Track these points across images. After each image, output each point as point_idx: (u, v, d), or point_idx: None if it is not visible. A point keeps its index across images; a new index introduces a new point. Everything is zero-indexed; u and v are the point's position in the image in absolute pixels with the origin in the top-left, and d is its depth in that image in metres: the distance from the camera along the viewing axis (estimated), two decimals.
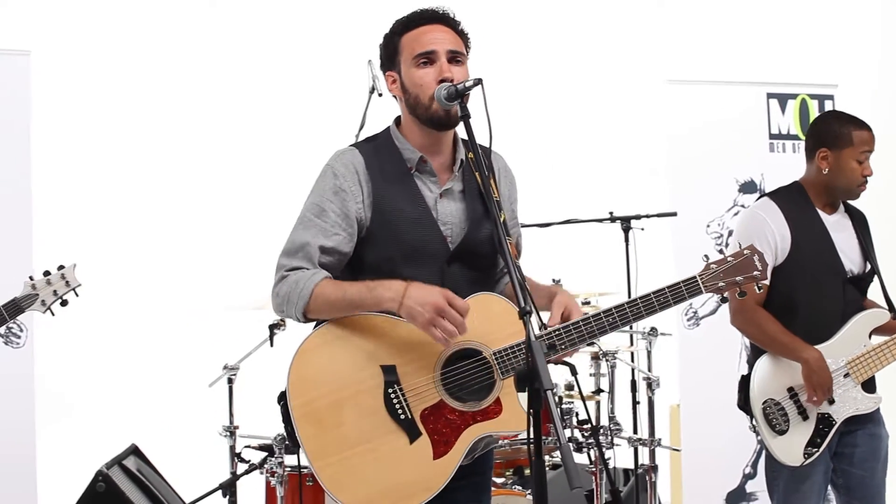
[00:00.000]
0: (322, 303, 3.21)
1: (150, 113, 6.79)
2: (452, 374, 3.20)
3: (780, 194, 4.59)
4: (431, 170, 3.35)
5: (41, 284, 4.33)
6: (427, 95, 3.26)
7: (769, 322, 4.41)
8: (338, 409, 3.17)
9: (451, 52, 3.30)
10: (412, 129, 3.37)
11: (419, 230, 3.29)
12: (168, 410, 6.37)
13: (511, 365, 3.18)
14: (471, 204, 3.38)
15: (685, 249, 6.21)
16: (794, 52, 7.43)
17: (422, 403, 3.19)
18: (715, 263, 3.32)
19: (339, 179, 3.29)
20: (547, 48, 7.32)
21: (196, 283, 6.61)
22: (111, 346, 6.54)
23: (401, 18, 3.37)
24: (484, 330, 3.20)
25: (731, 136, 6.38)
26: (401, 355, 3.20)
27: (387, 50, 3.39)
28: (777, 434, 4.37)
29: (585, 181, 7.19)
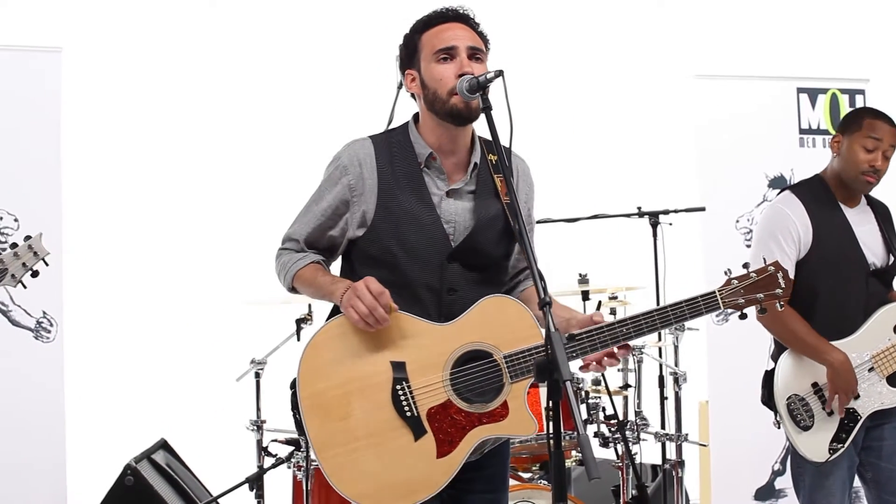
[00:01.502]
0: (301, 284, 3.38)
1: (178, 109, 6.79)
2: (462, 375, 3.21)
3: (801, 188, 4.57)
4: (440, 167, 3.36)
5: (8, 258, 4.16)
6: (446, 89, 3.27)
7: (796, 321, 4.38)
8: (345, 401, 3.18)
9: (471, 48, 3.31)
10: (429, 126, 3.38)
11: (420, 225, 3.31)
12: (196, 405, 6.38)
13: (521, 369, 3.20)
14: (481, 204, 3.39)
15: (714, 245, 6.25)
16: (825, 45, 7.36)
17: (429, 402, 3.20)
18: (737, 279, 3.29)
19: (339, 171, 3.35)
20: (574, 42, 7.28)
21: (223, 278, 6.61)
22: (140, 340, 6.54)
23: (421, 17, 3.40)
24: (496, 332, 3.22)
25: (760, 131, 6.37)
26: (412, 352, 3.21)
27: (407, 48, 3.41)
28: (802, 430, 4.35)
29: (613, 176, 7.15)
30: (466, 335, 3.23)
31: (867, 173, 4.40)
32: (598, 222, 5.97)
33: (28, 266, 4.21)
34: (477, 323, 3.23)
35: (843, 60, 7.21)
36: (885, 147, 4.40)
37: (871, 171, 4.40)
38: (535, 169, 3.61)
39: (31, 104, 5.47)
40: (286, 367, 5.50)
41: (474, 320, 3.24)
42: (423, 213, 3.32)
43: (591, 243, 6.36)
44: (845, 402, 4.28)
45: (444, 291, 3.31)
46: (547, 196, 5.27)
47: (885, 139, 4.39)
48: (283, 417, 5.27)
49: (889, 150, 4.42)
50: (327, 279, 3.33)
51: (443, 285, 3.31)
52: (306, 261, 3.39)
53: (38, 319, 5.45)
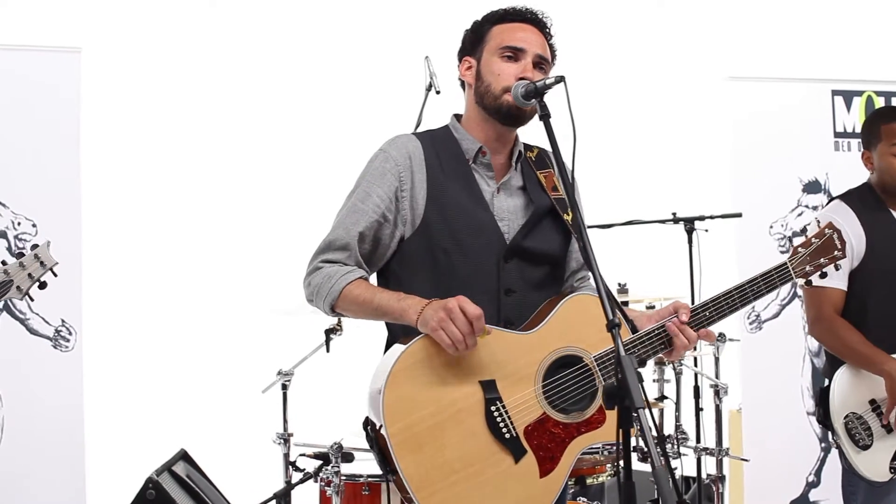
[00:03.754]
0: (350, 302, 3.14)
1: (203, 110, 6.66)
2: (555, 385, 3.08)
3: (852, 196, 4.47)
4: (489, 163, 3.26)
5: (14, 269, 4.01)
6: (500, 86, 3.17)
7: (849, 332, 4.26)
8: (439, 432, 2.99)
9: (538, 55, 3.23)
10: (475, 122, 3.29)
11: (476, 223, 3.18)
12: (220, 417, 6.26)
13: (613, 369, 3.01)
14: (531, 199, 3.28)
15: (748, 251, 6.15)
16: (860, 47, 7.24)
17: (525, 419, 3.05)
18: (802, 246, 3.31)
19: (389, 163, 3.21)
20: (606, 45, 7.17)
21: (250, 286, 6.48)
22: (161, 349, 6.41)
23: (497, 9, 3.30)
24: (583, 334, 3.09)
25: (794, 135, 6.28)
26: (499, 369, 3.04)
27: (473, 35, 3.31)
28: (861, 449, 4.21)
29: (647, 180, 7.03)
30: (553, 341, 3.09)
31: None
32: (633, 228, 5.86)
33: (35, 277, 4.06)
34: (561, 326, 3.10)
35: (879, 62, 7.10)
36: None
37: None
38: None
39: (49, 106, 5.37)
40: (314, 379, 5.48)
41: (558, 324, 3.10)
42: (476, 210, 3.20)
43: (626, 249, 6.24)
44: None
45: (502, 293, 3.18)
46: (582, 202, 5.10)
47: None
48: (310, 431, 5.22)
49: None
50: (390, 295, 3.11)
51: (500, 286, 3.18)
52: (355, 275, 3.16)
53: (57, 328, 5.34)
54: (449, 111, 3.42)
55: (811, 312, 4.39)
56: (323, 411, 5.33)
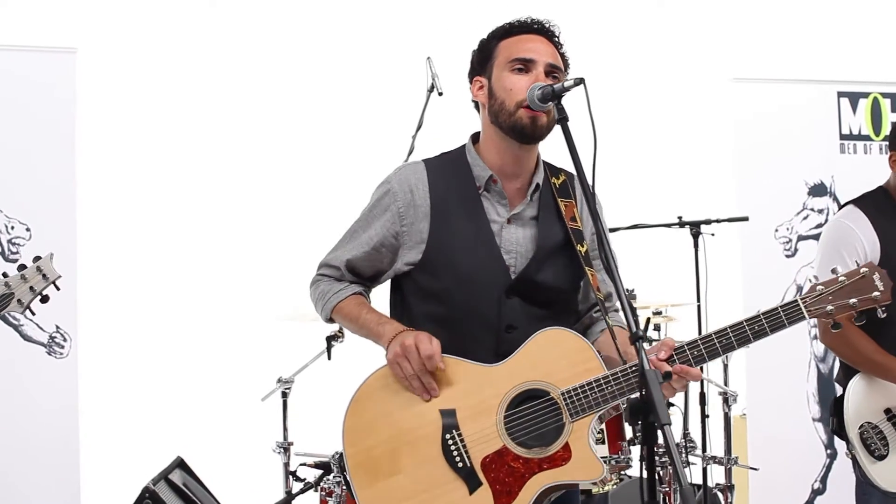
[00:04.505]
0: (342, 319, 3.24)
1: (201, 114, 6.56)
2: (517, 417, 2.98)
3: (865, 201, 4.34)
4: (501, 191, 3.14)
5: (15, 281, 3.92)
6: (514, 101, 3.05)
7: (863, 340, 4.16)
8: (394, 456, 2.99)
9: (549, 64, 3.10)
10: (491, 144, 3.17)
11: (477, 256, 3.08)
12: (218, 426, 6.18)
13: (582, 405, 2.93)
14: (543, 231, 3.15)
15: (752, 254, 6.11)
16: (866, 48, 7.18)
17: (483, 450, 2.96)
18: (822, 284, 2.98)
19: (388, 198, 3.16)
20: (609, 48, 7.10)
21: (249, 292, 6.40)
22: (158, 355, 6.33)
23: (502, 24, 3.19)
24: (552, 368, 2.97)
25: (800, 137, 6.24)
26: (462, 398, 2.99)
27: (481, 54, 3.19)
28: (876, 459, 4.11)
29: (652, 183, 6.97)
30: (520, 374, 2.99)
31: None
32: (638, 232, 5.78)
33: (36, 290, 3.96)
34: (531, 360, 2.99)
35: (885, 63, 7.05)
36: None
37: None
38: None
39: (44, 107, 5.33)
40: (315, 387, 5.40)
41: (527, 357, 3.00)
42: (480, 242, 3.10)
43: (631, 253, 6.16)
44: None
45: (503, 329, 3.08)
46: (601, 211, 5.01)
47: None
48: (311, 440, 5.14)
49: None
50: (372, 318, 3.16)
51: (501, 322, 3.07)
52: (347, 292, 3.23)
53: (52, 334, 5.27)
54: (451, 113, 3.34)
55: (822, 322, 4.30)
56: (324, 420, 5.24)
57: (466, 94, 3.29)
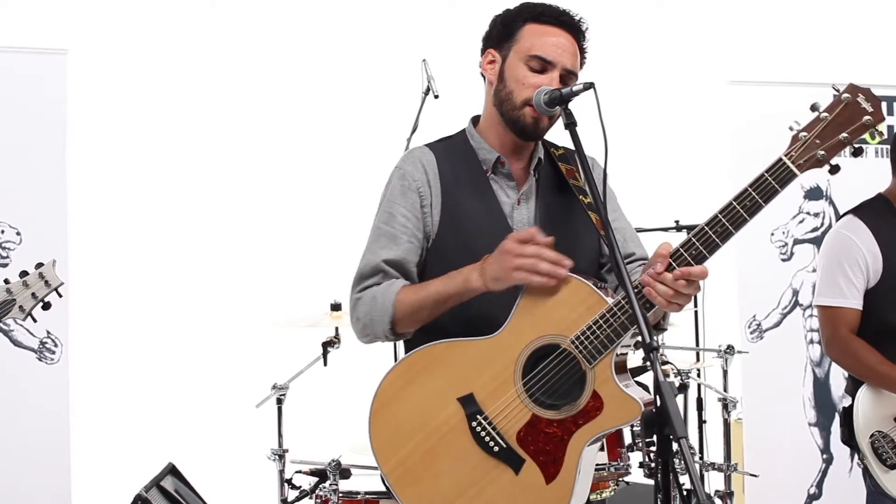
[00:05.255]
0: (407, 309, 2.96)
1: (194, 116, 6.49)
2: (536, 380, 2.83)
3: (865, 210, 4.30)
4: (509, 172, 3.08)
5: (17, 288, 3.92)
6: (521, 97, 2.98)
7: (867, 352, 4.14)
8: (429, 460, 2.88)
9: (567, 70, 3.02)
10: (492, 127, 3.10)
11: (490, 238, 2.93)
12: (212, 432, 6.12)
13: (597, 346, 2.75)
14: (549, 202, 3.09)
15: (749, 258, 6.07)
16: (861, 50, 7.15)
17: (514, 426, 2.83)
18: (804, 130, 2.74)
19: (406, 180, 3.06)
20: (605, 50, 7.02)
21: (244, 298, 6.32)
22: (151, 361, 6.27)
23: (534, 4, 3.06)
24: (553, 319, 2.81)
25: None
26: (475, 379, 2.86)
27: (503, 28, 3.07)
28: (889, 468, 4.08)
29: (647, 186, 6.92)
30: (524, 335, 2.84)
31: None
32: None
33: (38, 297, 3.95)
34: (529, 317, 2.84)
35: (881, 65, 7.03)
36: None
37: None
38: None
39: (35, 108, 5.25)
40: (311, 394, 5.34)
41: (524, 316, 2.84)
42: (493, 224, 3.01)
43: None
44: None
45: None
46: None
47: None
48: (306, 447, 5.08)
49: None
50: (439, 282, 2.93)
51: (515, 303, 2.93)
52: (398, 284, 3.00)
53: (42, 339, 5.20)
54: (447, 116, 3.27)
55: (826, 332, 4.25)
56: (320, 426, 5.20)
57: (462, 97, 3.24)
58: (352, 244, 3.17)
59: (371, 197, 4.11)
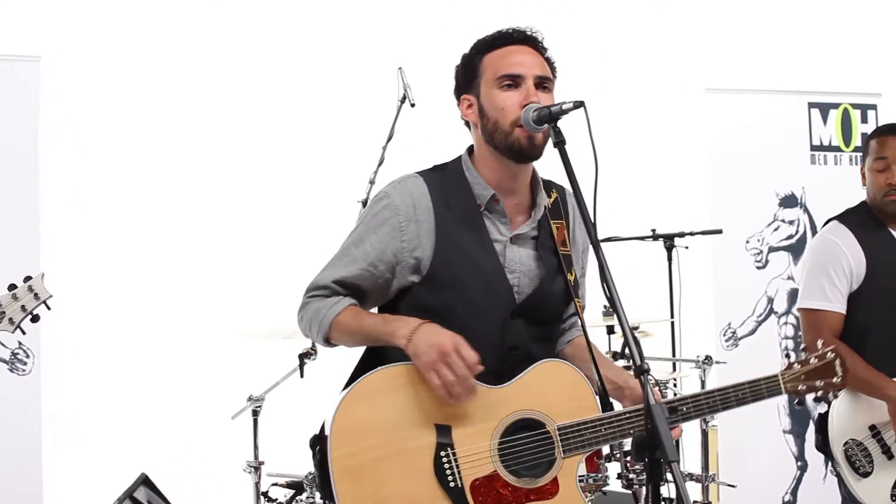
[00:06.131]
0: (342, 330, 3.02)
1: (165, 125, 6.44)
2: (511, 445, 2.92)
3: (849, 216, 4.37)
4: (503, 210, 3.07)
5: (6, 300, 3.90)
6: (508, 121, 2.96)
7: (849, 356, 4.07)
8: (382, 465, 2.87)
9: (539, 77, 3.02)
10: (487, 161, 3.08)
11: (483, 277, 3.00)
12: (188, 444, 6.06)
13: (575, 443, 2.91)
14: (544, 252, 3.10)
15: (724, 266, 6.10)
16: (836, 59, 7.18)
17: (474, 472, 2.89)
18: (799, 363, 3.16)
19: (389, 212, 3.04)
20: (580, 56, 7.00)
21: (220, 308, 6.26)
22: (125, 372, 6.21)
23: (484, 37, 3.09)
24: (549, 400, 2.95)
25: (771, 148, 6.22)
26: (458, 417, 2.91)
27: (466, 71, 3.09)
28: (861, 477, 4.11)
29: (624, 194, 6.89)
30: (518, 402, 2.94)
31: (888, 193, 4.23)
32: (611, 245, 5.71)
33: (28, 309, 3.92)
34: (530, 389, 2.96)
35: (856, 74, 7.07)
36: (894, 160, 4.23)
37: (890, 189, 4.23)
38: None
39: (7, 116, 5.19)
40: (287, 406, 5.29)
41: (527, 385, 2.96)
42: (486, 262, 3.02)
43: None
44: None
45: (506, 350, 3.02)
46: None
47: (891, 155, 4.24)
48: (282, 459, 5.04)
49: None
50: (375, 319, 3.00)
51: (504, 343, 3.02)
52: (344, 303, 3.03)
53: (14, 350, 5.15)
54: (422, 124, 3.24)
55: (809, 336, 4.29)
56: (296, 439, 5.14)
57: (438, 104, 3.22)
58: (329, 255, 3.14)
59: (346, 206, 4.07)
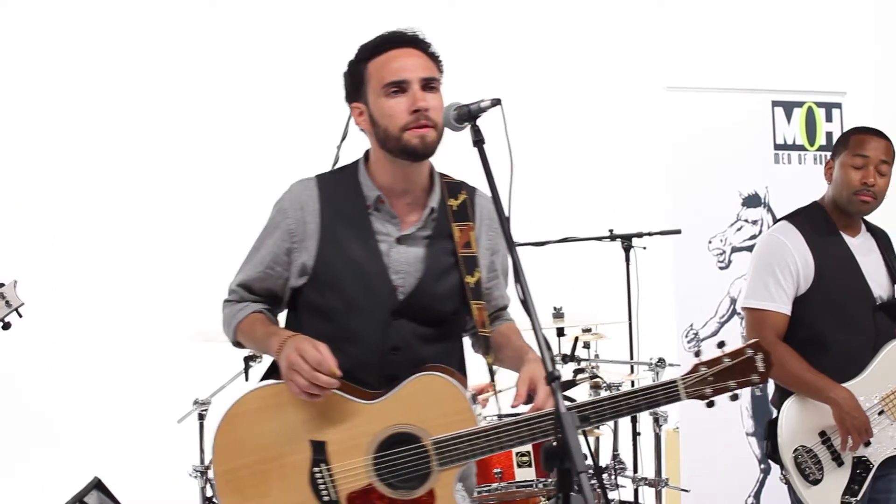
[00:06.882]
0: (242, 337, 3.20)
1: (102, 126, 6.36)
2: (386, 459, 2.97)
3: (800, 216, 4.27)
4: (389, 210, 3.09)
5: None
6: (398, 126, 2.98)
7: (792, 358, 4.08)
8: (263, 480, 2.99)
9: (424, 79, 3.01)
10: (381, 165, 3.10)
11: (363, 277, 3.05)
12: (132, 449, 5.98)
13: (451, 456, 2.94)
14: (433, 254, 3.10)
15: (686, 267, 6.03)
16: (800, 57, 7.14)
17: (350, 486, 2.97)
18: (705, 364, 2.96)
19: (280, 216, 3.13)
20: (539, 55, 6.99)
21: (165, 310, 6.18)
22: (72, 374, 6.14)
23: (366, 44, 3.09)
24: (425, 415, 2.97)
25: (734, 147, 6.16)
26: (333, 432, 2.99)
27: (352, 79, 3.10)
28: (811, 484, 4.04)
29: (581, 195, 6.86)
30: (393, 416, 2.98)
31: (860, 192, 4.12)
32: (567, 245, 5.66)
33: None
34: (405, 403, 2.99)
35: (820, 72, 7.03)
36: (875, 162, 4.13)
37: (863, 188, 4.12)
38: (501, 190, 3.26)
39: None
40: None
41: (403, 399, 2.99)
42: (367, 261, 3.06)
43: (560, 267, 6.06)
44: (860, 440, 4.00)
45: (387, 351, 3.05)
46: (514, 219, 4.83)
47: (873, 154, 4.13)
48: None
49: (882, 165, 4.15)
50: (262, 332, 3.10)
51: (385, 344, 3.04)
52: (247, 311, 3.16)
53: None
54: None
55: (751, 337, 4.17)
56: None
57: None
58: None
59: None
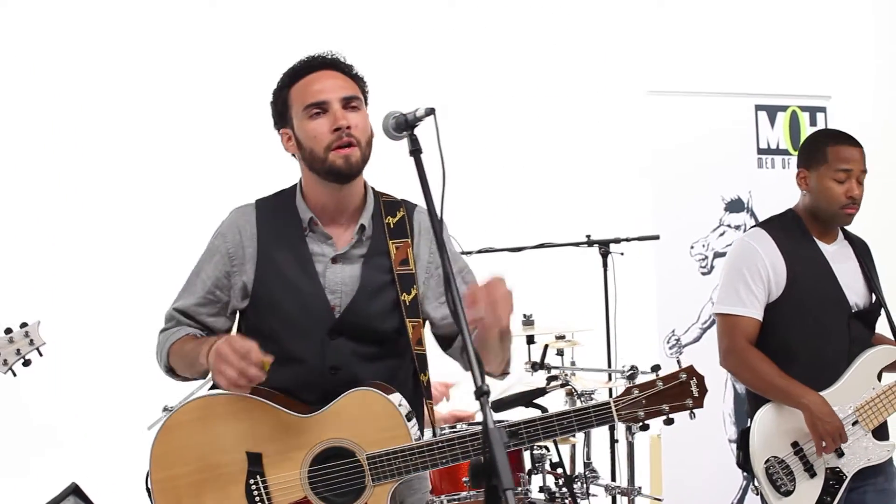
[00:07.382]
0: (175, 359, 3.22)
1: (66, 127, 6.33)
2: (321, 472, 3.04)
3: (773, 223, 4.28)
4: (323, 232, 3.17)
5: (2, 342, 4.17)
6: (322, 147, 3.07)
7: (764, 363, 4.07)
8: (199, 489, 3.05)
9: (344, 98, 3.09)
10: (312, 187, 3.19)
11: (300, 298, 3.13)
12: (103, 455, 5.94)
13: (385, 472, 3.00)
14: (368, 272, 3.16)
15: (667, 272, 6.02)
16: (784, 61, 7.10)
17: (284, 498, 3.03)
18: (638, 388, 3.04)
19: (219, 241, 3.24)
20: (520, 58, 6.94)
21: (136, 315, 6.08)
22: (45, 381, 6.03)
23: (287, 70, 3.20)
24: (360, 430, 3.04)
25: (716, 151, 6.14)
26: (269, 444, 3.05)
27: (276, 106, 3.23)
28: (782, 496, 4.02)
29: (559, 200, 6.80)
30: (328, 430, 3.05)
31: (846, 206, 4.12)
32: (544, 251, 5.61)
33: (21, 353, 4.22)
34: (340, 417, 3.05)
35: (804, 76, 7.00)
36: (856, 175, 4.12)
37: (849, 202, 4.12)
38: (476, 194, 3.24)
39: None
40: None
41: (338, 414, 3.05)
42: (304, 282, 3.13)
43: (537, 274, 6.00)
44: (833, 445, 3.97)
45: (327, 370, 3.10)
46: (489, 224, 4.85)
47: (855, 168, 4.12)
48: None
49: (861, 174, 4.14)
50: (192, 345, 3.14)
51: (324, 363, 3.10)
52: (181, 332, 3.23)
53: None
54: None
55: (723, 342, 4.20)
56: None
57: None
58: None
59: None
